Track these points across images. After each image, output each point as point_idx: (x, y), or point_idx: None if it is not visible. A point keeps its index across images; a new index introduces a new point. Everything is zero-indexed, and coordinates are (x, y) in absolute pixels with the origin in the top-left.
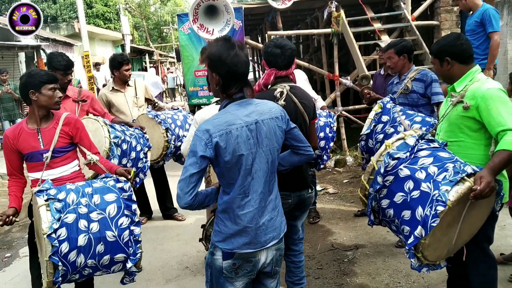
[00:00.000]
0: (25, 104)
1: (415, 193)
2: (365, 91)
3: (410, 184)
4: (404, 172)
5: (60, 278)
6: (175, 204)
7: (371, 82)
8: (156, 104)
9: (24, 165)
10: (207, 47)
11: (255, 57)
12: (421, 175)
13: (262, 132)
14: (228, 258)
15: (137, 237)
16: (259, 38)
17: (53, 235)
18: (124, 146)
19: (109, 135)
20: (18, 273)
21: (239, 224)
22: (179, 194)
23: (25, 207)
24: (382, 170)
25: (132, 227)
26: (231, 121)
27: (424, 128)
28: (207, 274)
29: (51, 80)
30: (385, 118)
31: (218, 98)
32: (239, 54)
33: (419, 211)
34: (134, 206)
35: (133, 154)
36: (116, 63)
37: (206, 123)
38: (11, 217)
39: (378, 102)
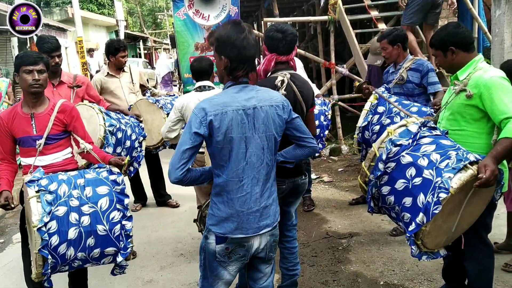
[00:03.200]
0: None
1: (417, 180)
2: (364, 85)
3: (412, 171)
4: (406, 159)
5: (49, 270)
6: (169, 191)
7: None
8: (151, 90)
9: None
10: (216, 30)
11: None
12: (423, 162)
13: (260, 118)
14: (221, 242)
15: (128, 232)
16: (255, 25)
17: (43, 229)
18: (119, 135)
19: (104, 123)
20: (11, 259)
21: (231, 207)
22: (170, 168)
23: (18, 193)
24: (384, 157)
25: (123, 222)
26: (228, 102)
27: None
28: (200, 258)
29: (28, 62)
30: (381, 109)
31: (199, 85)
32: (248, 37)
33: (421, 198)
34: (127, 201)
35: (127, 143)
36: (113, 49)
37: (204, 102)
38: (11, 199)
39: (373, 92)
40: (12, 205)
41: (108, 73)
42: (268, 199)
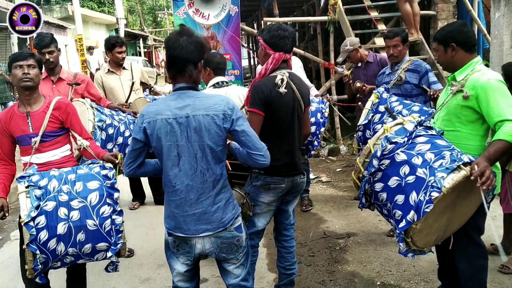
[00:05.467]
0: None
1: (411, 178)
2: (358, 85)
3: (406, 169)
4: (401, 156)
5: (40, 266)
6: None
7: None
8: (152, 88)
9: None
10: None
11: (251, 44)
12: (417, 160)
13: (191, 127)
14: (170, 235)
15: (118, 227)
16: (255, 25)
17: (31, 223)
18: (110, 131)
19: (93, 118)
20: (9, 256)
21: (168, 208)
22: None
23: (16, 191)
24: (378, 154)
25: (114, 216)
26: (160, 110)
27: (422, 117)
28: None
29: (18, 59)
30: (382, 108)
31: (217, 81)
32: (178, 39)
33: (413, 196)
34: (116, 195)
35: (120, 140)
36: (109, 45)
37: (145, 108)
38: (6, 207)
39: (374, 92)
40: (7, 215)
41: (108, 70)
42: (209, 206)
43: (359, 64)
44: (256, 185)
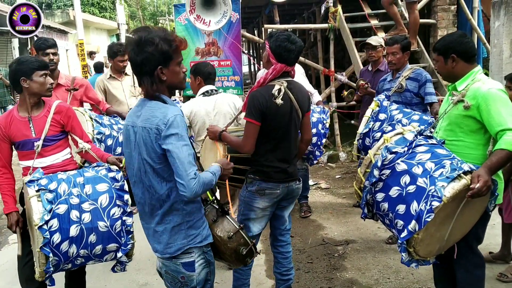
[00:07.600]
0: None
1: (411, 188)
2: (361, 82)
3: (406, 179)
4: (401, 166)
5: (51, 268)
6: None
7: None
8: None
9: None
10: None
11: (251, 50)
12: (418, 170)
13: (137, 137)
14: None
15: (129, 228)
16: (256, 32)
17: (45, 227)
18: (109, 142)
19: (93, 131)
20: (7, 260)
21: None
22: None
23: (17, 194)
24: (379, 164)
25: (124, 217)
26: (127, 116)
27: (422, 126)
28: None
29: (41, 67)
30: (382, 116)
31: (204, 91)
32: (128, 52)
33: (414, 205)
34: (126, 196)
35: (119, 150)
36: (112, 53)
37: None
38: (16, 222)
39: (374, 99)
40: (15, 230)
41: (110, 75)
42: (158, 224)
43: (369, 68)
44: (251, 190)
